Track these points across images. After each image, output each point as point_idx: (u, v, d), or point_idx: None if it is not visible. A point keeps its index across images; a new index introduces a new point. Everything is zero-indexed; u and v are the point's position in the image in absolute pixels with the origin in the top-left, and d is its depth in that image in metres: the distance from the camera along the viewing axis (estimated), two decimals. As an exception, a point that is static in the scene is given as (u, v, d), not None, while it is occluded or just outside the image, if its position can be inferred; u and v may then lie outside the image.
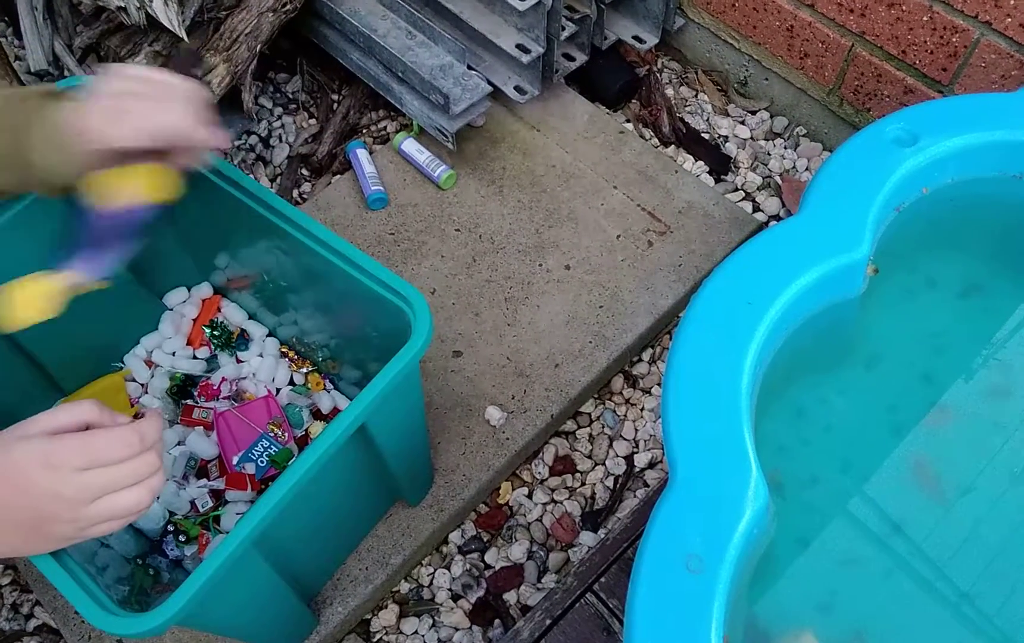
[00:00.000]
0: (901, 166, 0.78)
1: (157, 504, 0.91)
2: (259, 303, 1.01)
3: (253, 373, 1.01)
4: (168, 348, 1.02)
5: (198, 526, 0.90)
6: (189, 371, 1.00)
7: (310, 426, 0.97)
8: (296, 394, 0.99)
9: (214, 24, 1.19)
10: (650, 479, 1.02)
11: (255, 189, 0.77)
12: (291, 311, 0.95)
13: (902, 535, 0.71)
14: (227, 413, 0.95)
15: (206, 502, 0.91)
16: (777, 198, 1.24)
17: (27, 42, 1.23)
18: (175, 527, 0.90)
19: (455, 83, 1.16)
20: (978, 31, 1.01)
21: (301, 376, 1.01)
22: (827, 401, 0.78)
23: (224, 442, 0.94)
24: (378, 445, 0.74)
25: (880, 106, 1.18)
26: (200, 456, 0.94)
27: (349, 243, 0.74)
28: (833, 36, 1.17)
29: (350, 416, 0.65)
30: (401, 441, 0.80)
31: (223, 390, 0.98)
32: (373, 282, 0.73)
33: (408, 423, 0.80)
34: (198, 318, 1.04)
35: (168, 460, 0.94)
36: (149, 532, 0.90)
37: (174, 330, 1.03)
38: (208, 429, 0.96)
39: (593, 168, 1.23)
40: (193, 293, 1.06)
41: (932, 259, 0.85)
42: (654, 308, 1.09)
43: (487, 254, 1.15)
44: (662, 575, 0.58)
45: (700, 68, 1.39)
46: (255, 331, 1.03)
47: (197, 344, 1.03)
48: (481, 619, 0.93)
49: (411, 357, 0.67)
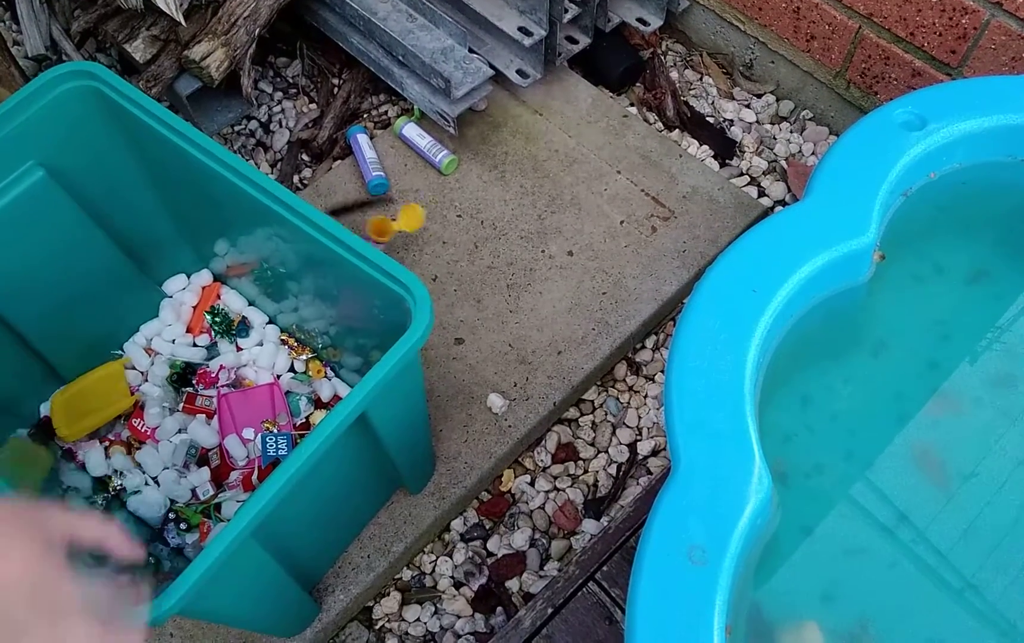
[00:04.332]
0: (909, 150, 0.77)
1: (158, 492, 0.91)
2: (259, 290, 1.01)
3: (253, 360, 1.00)
4: (168, 335, 1.02)
5: (199, 514, 0.89)
6: (189, 359, 1.00)
7: (311, 414, 0.96)
8: (297, 382, 0.98)
9: (212, 7, 1.18)
10: (653, 467, 1.01)
11: (254, 176, 0.77)
12: (291, 298, 0.95)
13: (907, 524, 0.70)
14: (231, 395, 0.95)
15: (207, 490, 0.91)
16: (783, 183, 1.23)
17: (24, 27, 1.22)
18: (176, 515, 0.90)
19: (456, 67, 1.14)
20: (988, 12, 0.99)
21: (302, 363, 1.00)
22: (833, 389, 0.77)
23: (224, 424, 0.93)
24: (378, 434, 0.74)
25: (887, 89, 1.16)
26: (201, 445, 0.94)
27: (348, 230, 0.73)
28: (840, 18, 1.15)
29: (350, 405, 0.65)
30: (402, 430, 0.79)
31: (221, 378, 0.98)
32: (373, 269, 0.72)
33: (409, 411, 0.79)
34: (198, 305, 1.04)
35: (168, 448, 0.93)
36: (150, 520, 0.90)
37: (174, 317, 1.02)
38: (210, 417, 0.96)
39: (596, 153, 1.22)
40: (193, 280, 1.05)
41: (940, 245, 0.84)
42: (658, 294, 1.08)
43: (489, 240, 1.14)
44: (665, 565, 0.58)
45: (705, 51, 1.38)
46: (255, 318, 1.02)
47: (197, 331, 1.03)
48: (483, 607, 0.93)
49: (411, 346, 0.66)
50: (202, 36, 1.16)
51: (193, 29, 1.17)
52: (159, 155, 0.83)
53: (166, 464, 0.93)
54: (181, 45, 1.18)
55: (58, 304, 0.92)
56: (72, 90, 0.82)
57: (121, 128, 0.85)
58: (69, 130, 0.84)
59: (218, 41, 1.16)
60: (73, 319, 0.94)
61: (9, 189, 0.82)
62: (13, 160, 0.82)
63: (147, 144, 0.83)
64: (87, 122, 0.85)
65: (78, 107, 0.83)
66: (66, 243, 0.89)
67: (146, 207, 0.95)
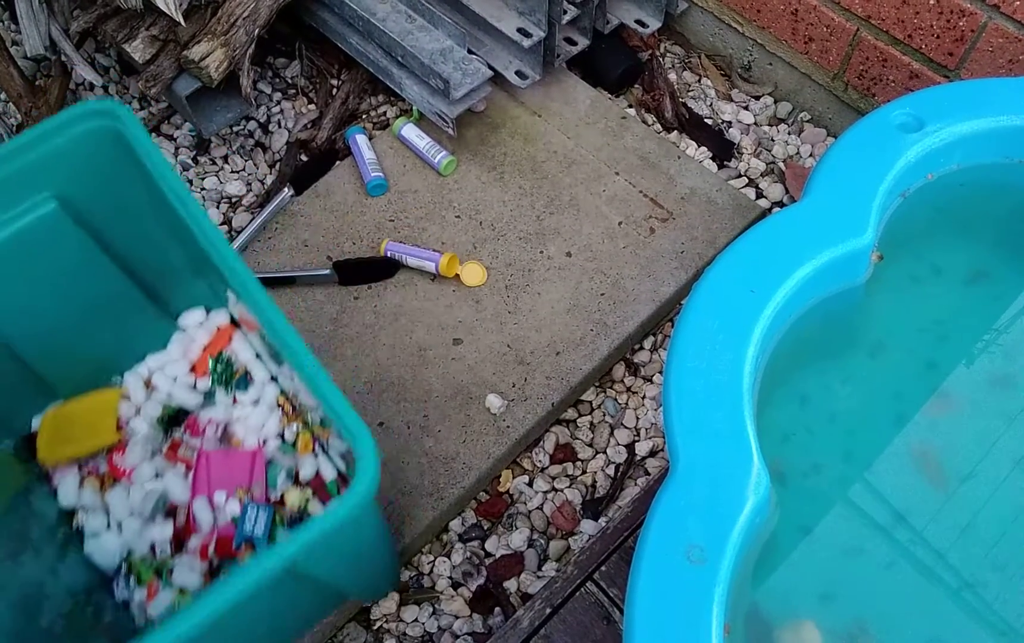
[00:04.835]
0: (907, 152, 0.77)
1: (117, 540, 0.87)
2: (263, 347, 0.96)
3: (244, 418, 0.95)
4: (170, 372, 0.98)
5: (151, 571, 0.86)
6: (184, 404, 0.96)
7: (287, 490, 0.91)
8: (280, 452, 0.93)
9: (211, 8, 1.18)
10: (651, 468, 1.01)
11: (235, 264, 0.72)
12: (287, 364, 0.88)
13: (904, 524, 0.70)
14: (211, 454, 0.91)
15: (165, 549, 0.86)
16: (781, 184, 1.23)
17: (23, 27, 1.21)
18: (129, 566, 0.86)
19: (455, 67, 1.14)
20: (986, 15, 1.00)
21: (291, 432, 0.95)
22: (831, 389, 0.77)
23: (198, 482, 0.89)
24: (318, 578, 0.69)
25: (885, 91, 1.17)
26: (172, 499, 0.90)
27: (304, 347, 0.68)
28: (838, 20, 1.15)
29: (270, 561, 0.59)
30: (348, 571, 0.75)
31: (208, 432, 0.94)
32: (323, 401, 0.66)
33: (356, 552, 0.75)
34: (208, 346, 0.99)
35: (139, 494, 0.89)
36: (104, 567, 0.86)
37: (180, 354, 0.99)
38: (189, 468, 0.91)
39: (595, 154, 1.22)
40: (211, 317, 1.01)
41: (937, 246, 0.84)
42: (656, 295, 1.08)
43: (488, 241, 1.14)
44: (663, 565, 0.58)
45: (703, 53, 1.38)
46: (259, 374, 0.98)
47: (201, 373, 0.98)
48: (481, 607, 0.93)
49: (352, 505, 0.61)
50: (201, 36, 1.16)
51: (192, 29, 1.17)
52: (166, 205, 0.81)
53: (133, 510, 0.89)
54: (180, 45, 1.18)
55: (60, 327, 0.90)
56: (93, 129, 0.82)
57: (138, 170, 0.83)
58: (87, 166, 0.83)
59: (217, 41, 1.16)
60: (75, 342, 0.92)
61: (21, 217, 0.82)
62: (28, 190, 0.82)
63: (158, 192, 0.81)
64: (105, 159, 0.83)
65: (97, 145, 0.82)
66: (74, 271, 0.87)
67: (160, 241, 0.92)
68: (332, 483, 0.91)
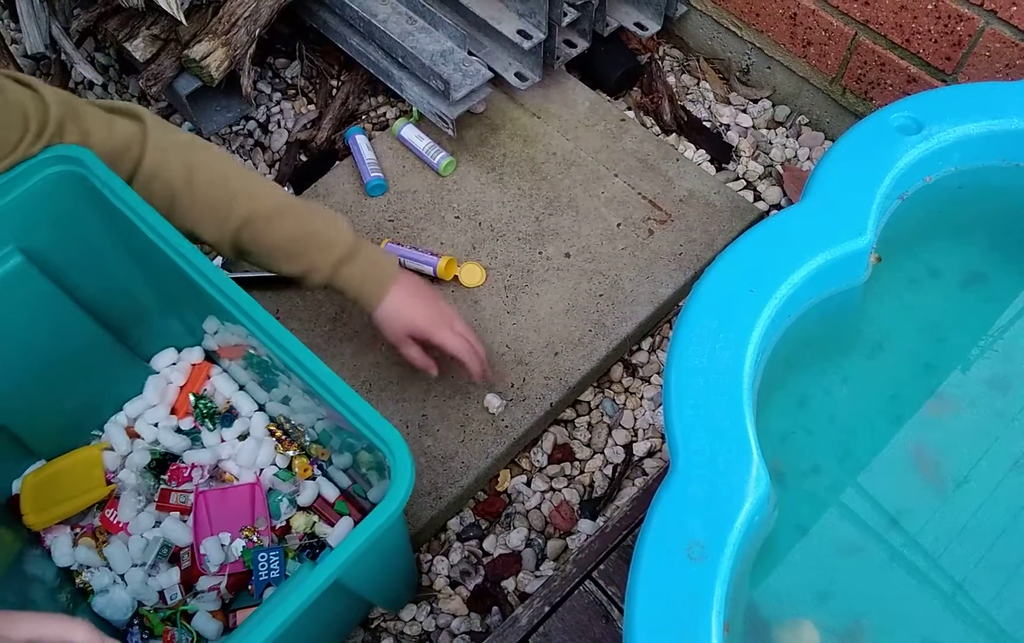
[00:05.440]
0: (905, 154, 0.78)
1: (125, 593, 0.86)
2: (249, 376, 0.94)
3: (234, 455, 0.94)
4: (151, 418, 0.96)
5: (163, 623, 0.85)
6: (170, 447, 0.94)
7: (291, 516, 0.91)
8: (279, 479, 0.92)
9: (213, 7, 1.18)
10: (649, 468, 1.02)
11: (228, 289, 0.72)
12: (282, 387, 0.86)
13: (902, 524, 0.70)
14: (208, 493, 0.89)
15: (176, 594, 0.86)
16: (778, 187, 1.23)
17: (24, 25, 1.21)
18: (141, 620, 0.85)
19: (455, 69, 1.15)
20: (983, 19, 1.00)
21: (286, 459, 0.94)
22: (829, 390, 0.78)
23: (199, 525, 0.88)
24: (352, 589, 0.70)
25: (883, 95, 1.17)
26: (175, 543, 0.89)
27: (326, 368, 0.68)
28: (836, 24, 1.16)
29: (320, 577, 0.60)
30: (379, 579, 0.75)
31: (195, 477, 0.92)
32: (352, 417, 0.66)
33: (388, 564, 0.75)
34: (185, 385, 0.97)
35: (139, 544, 0.88)
36: (115, 622, 0.85)
37: (158, 398, 0.96)
38: (185, 514, 0.90)
39: (594, 156, 1.22)
40: (183, 356, 0.99)
41: (935, 248, 0.85)
42: (654, 297, 1.09)
43: (487, 241, 1.14)
44: (663, 562, 0.58)
45: (702, 56, 1.39)
46: (243, 406, 0.96)
47: (182, 414, 0.96)
48: (479, 606, 0.93)
49: (389, 514, 0.62)
50: (202, 36, 1.17)
51: (193, 28, 1.17)
52: (141, 244, 0.79)
53: (135, 561, 0.87)
54: (181, 44, 1.18)
55: (31, 382, 0.86)
56: (56, 175, 0.78)
57: (105, 213, 0.80)
58: (51, 214, 0.80)
59: (218, 41, 1.16)
60: (49, 396, 0.88)
61: None
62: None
63: (130, 233, 0.79)
64: (69, 205, 0.80)
65: (61, 191, 0.79)
66: (43, 323, 0.84)
67: (130, 285, 0.90)
68: (341, 503, 0.91)
